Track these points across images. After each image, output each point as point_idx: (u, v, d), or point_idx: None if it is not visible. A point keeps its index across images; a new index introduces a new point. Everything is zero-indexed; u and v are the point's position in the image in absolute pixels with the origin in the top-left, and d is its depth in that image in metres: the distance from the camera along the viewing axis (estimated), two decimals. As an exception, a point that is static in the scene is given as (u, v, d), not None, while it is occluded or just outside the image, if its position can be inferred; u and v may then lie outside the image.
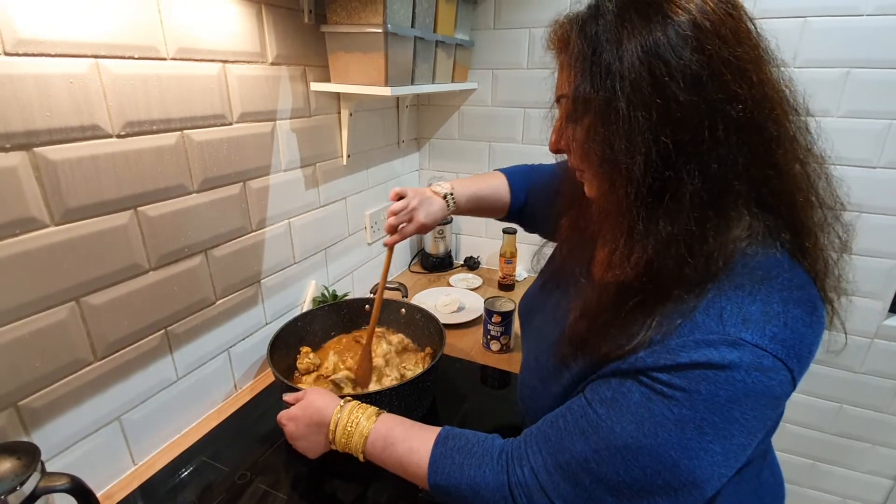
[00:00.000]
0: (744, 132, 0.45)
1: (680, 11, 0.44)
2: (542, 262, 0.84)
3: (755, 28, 0.48)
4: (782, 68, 0.49)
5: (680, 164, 0.45)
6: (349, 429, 0.66)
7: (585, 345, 0.55)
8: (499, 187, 0.96)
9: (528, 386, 0.67)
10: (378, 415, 0.66)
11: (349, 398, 0.71)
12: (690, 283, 0.47)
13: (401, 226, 0.84)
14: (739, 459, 0.46)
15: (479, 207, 0.95)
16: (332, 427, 0.67)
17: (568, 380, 0.58)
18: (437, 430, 0.62)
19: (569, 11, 0.53)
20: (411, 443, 0.61)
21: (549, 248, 0.84)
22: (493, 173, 0.98)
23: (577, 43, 0.48)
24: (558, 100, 0.56)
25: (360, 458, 0.65)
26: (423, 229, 0.86)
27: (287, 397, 0.76)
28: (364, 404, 0.69)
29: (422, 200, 0.86)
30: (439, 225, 0.89)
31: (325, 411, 0.69)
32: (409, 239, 1.67)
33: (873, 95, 1.16)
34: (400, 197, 0.85)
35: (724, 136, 0.44)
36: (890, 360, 1.36)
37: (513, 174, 0.97)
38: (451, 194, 0.90)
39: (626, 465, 0.46)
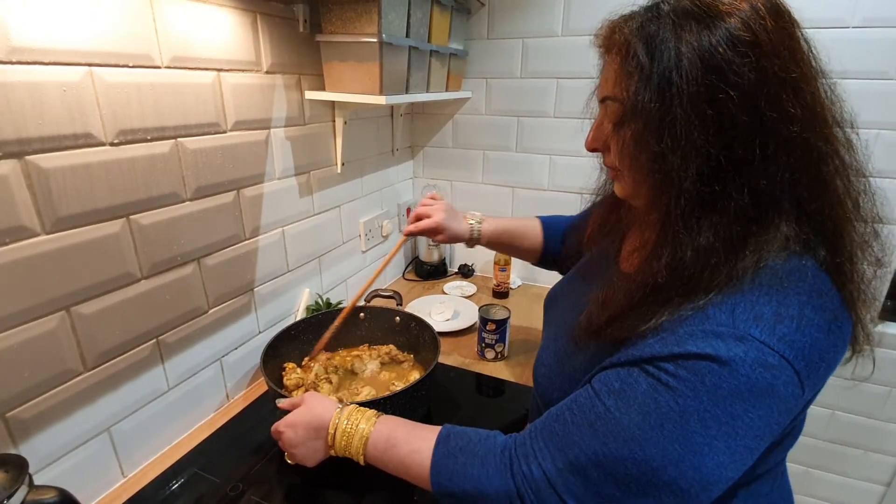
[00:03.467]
0: (794, 151, 0.45)
1: (741, 27, 0.44)
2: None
3: (808, 44, 0.48)
4: (830, 81, 0.49)
5: (729, 179, 0.45)
6: (349, 431, 0.65)
7: (601, 332, 0.55)
8: (530, 227, 1.00)
9: (544, 364, 0.69)
10: (377, 417, 0.66)
11: (347, 402, 0.71)
12: (718, 285, 0.47)
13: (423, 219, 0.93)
14: (746, 462, 0.46)
15: (507, 242, 1.01)
16: (331, 430, 0.66)
17: (580, 362, 0.59)
18: (438, 429, 0.62)
19: (622, 12, 0.52)
20: (413, 444, 0.61)
21: None
22: (529, 217, 1.02)
23: (635, 46, 0.47)
24: (603, 100, 0.55)
25: (361, 461, 0.65)
26: (437, 230, 0.93)
27: (282, 403, 0.75)
28: (363, 408, 0.68)
29: (448, 209, 0.96)
30: (456, 242, 0.98)
31: (324, 415, 0.68)
32: (404, 247, 1.69)
33: (861, 106, 1.16)
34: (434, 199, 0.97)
35: (775, 154, 0.45)
36: (880, 367, 1.36)
37: (548, 219, 1.01)
38: (480, 223, 0.98)
39: (634, 458, 0.46)
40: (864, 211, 0.52)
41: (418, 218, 0.94)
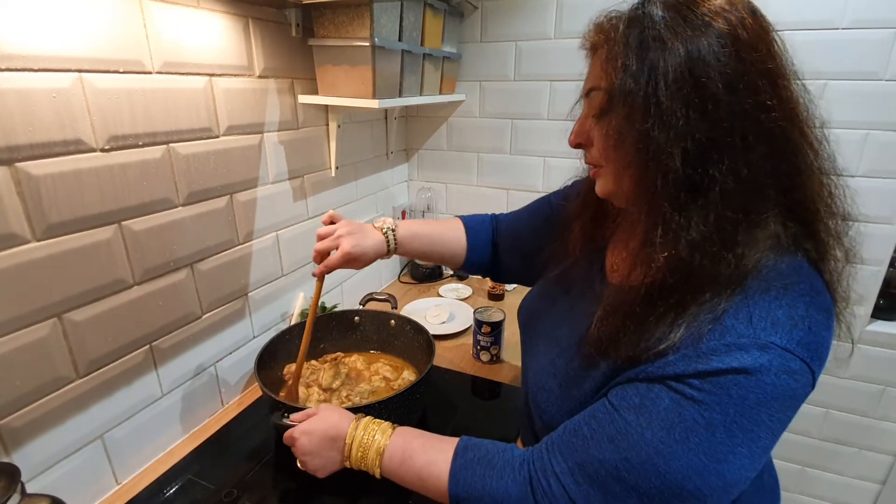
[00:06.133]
0: (773, 140, 0.47)
1: (721, 21, 0.46)
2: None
3: (783, 45, 0.50)
4: (801, 82, 0.51)
5: (713, 162, 0.46)
6: (366, 442, 0.65)
7: (613, 346, 0.54)
8: (451, 229, 0.91)
9: (545, 389, 0.64)
10: (393, 429, 0.66)
11: (363, 413, 0.70)
12: (723, 284, 0.47)
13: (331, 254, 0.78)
14: (762, 461, 0.47)
15: (430, 250, 0.89)
16: (348, 441, 0.66)
17: (592, 383, 0.57)
18: (455, 441, 0.61)
19: (610, 10, 0.54)
20: (429, 455, 0.61)
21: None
22: (452, 219, 0.94)
23: (623, 35, 0.49)
24: (587, 93, 0.57)
25: (377, 474, 0.64)
26: (351, 260, 0.79)
27: (296, 416, 0.73)
28: (378, 419, 0.68)
29: (352, 229, 0.80)
30: (374, 261, 0.84)
31: (341, 425, 0.68)
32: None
33: (850, 106, 1.19)
34: (332, 222, 0.81)
35: (755, 143, 0.46)
36: (873, 365, 1.38)
37: (471, 221, 0.93)
38: (393, 229, 0.84)
39: (658, 472, 0.47)
40: (839, 206, 0.53)
41: (323, 254, 0.79)
